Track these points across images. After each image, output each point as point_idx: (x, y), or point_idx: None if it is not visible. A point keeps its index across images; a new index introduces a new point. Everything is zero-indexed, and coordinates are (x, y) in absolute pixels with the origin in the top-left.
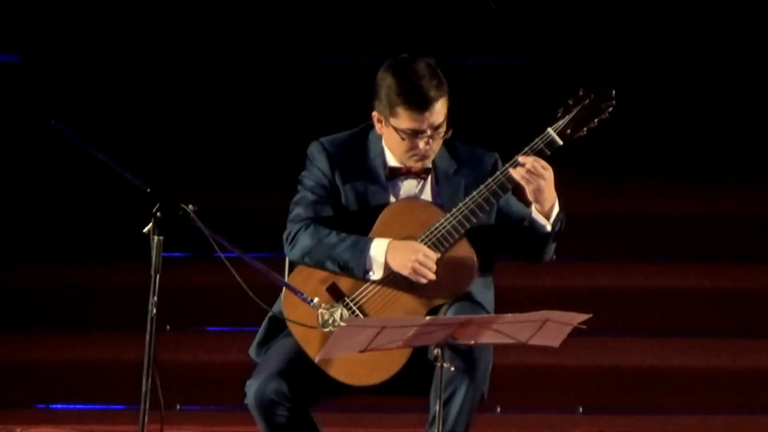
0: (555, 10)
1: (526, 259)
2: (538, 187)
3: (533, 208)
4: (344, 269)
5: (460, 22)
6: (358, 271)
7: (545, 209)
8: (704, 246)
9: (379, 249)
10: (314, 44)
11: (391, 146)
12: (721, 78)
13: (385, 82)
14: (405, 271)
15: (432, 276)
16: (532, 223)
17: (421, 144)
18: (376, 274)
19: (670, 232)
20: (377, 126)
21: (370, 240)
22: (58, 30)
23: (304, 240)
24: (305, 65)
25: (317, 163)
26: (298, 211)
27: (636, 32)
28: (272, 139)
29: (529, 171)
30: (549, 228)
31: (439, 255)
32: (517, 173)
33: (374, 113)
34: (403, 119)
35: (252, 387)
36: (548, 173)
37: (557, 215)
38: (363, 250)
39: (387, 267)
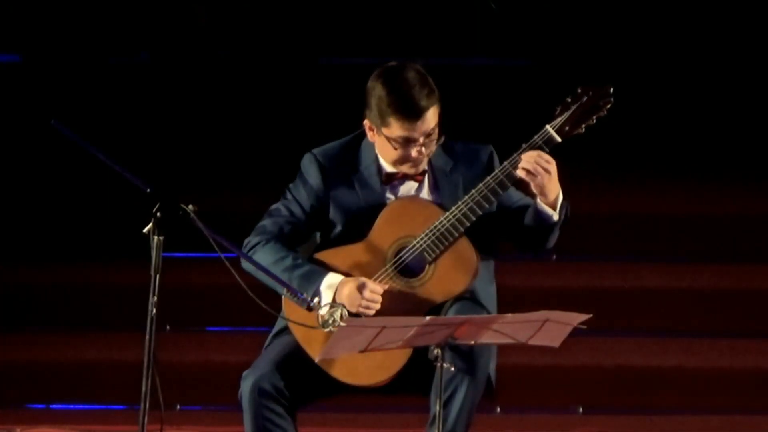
0: (555, 10)
1: (530, 248)
2: (542, 181)
3: (538, 200)
4: (292, 295)
5: (460, 22)
6: (303, 303)
7: (550, 200)
8: (704, 246)
9: (329, 285)
10: (314, 44)
11: (384, 154)
12: (721, 78)
13: (376, 92)
14: (353, 308)
15: (377, 307)
16: (539, 214)
17: (414, 152)
18: (322, 309)
19: (670, 232)
20: (369, 134)
21: (323, 274)
22: (58, 30)
23: (260, 257)
24: (305, 65)
25: (308, 177)
26: (266, 222)
27: (636, 32)
28: (272, 139)
29: (534, 166)
30: (556, 217)
31: (385, 287)
32: (520, 170)
33: (365, 122)
34: (395, 129)
35: (248, 379)
36: (552, 167)
37: (562, 204)
38: (313, 283)
39: (335, 302)
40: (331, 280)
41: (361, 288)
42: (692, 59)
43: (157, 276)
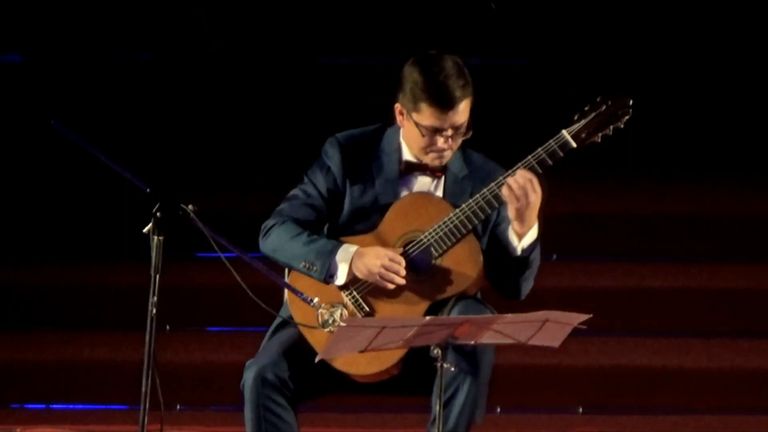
0: (554, 10)
1: (502, 292)
2: (521, 206)
3: (511, 226)
4: (309, 270)
5: (460, 22)
6: (321, 274)
7: (522, 230)
8: (704, 246)
9: (345, 254)
10: (314, 44)
11: (410, 140)
12: (721, 78)
13: (412, 76)
14: (371, 278)
15: (401, 280)
16: (506, 243)
17: (440, 141)
18: (339, 279)
19: (670, 232)
20: (398, 118)
21: (339, 244)
22: (58, 30)
23: (276, 237)
24: (305, 65)
25: (329, 161)
26: (284, 206)
27: (636, 32)
28: (271, 138)
29: (520, 187)
30: (519, 252)
31: (401, 250)
32: (505, 187)
33: (397, 105)
34: (426, 116)
35: (251, 368)
36: (536, 196)
37: (532, 243)
38: (329, 254)
39: (351, 273)
40: (348, 250)
41: (380, 257)
42: (692, 59)
43: (157, 276)
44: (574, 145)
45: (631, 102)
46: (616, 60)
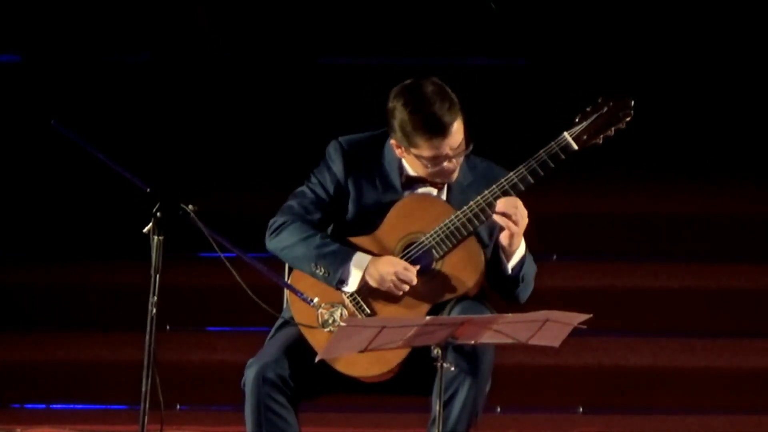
0: (554, 10)
1: (503, 297)
2: (515, 232)
3: (500, 249)
4: (321, 273)
5: (460, 22)
6: (332, 280)
7: (511, 251)
8: (704, 246)
9: (359, 263)
10: (314, 44)
11: (416, 168)
12: (722, 78)
13: (397, 114)
14: (384, 287)
15: (406, 288)
16: (499, 260)
17: (446, 164)
18: (350, 286)
19: (670, 232)
20: (397, 151)
21: (353, 251)
22: (58, 30)
23: (287, 235)
24: (305, 65)
25: (332, 164)
26: (291, 203)
27: (636, 32)
28: (271, 139)
29: (510, 217)
30: (509, 271)
31: (417, 267)
32: (498, 214)
33: (392, 141)
34: (424, 149)
35: (253, 367)
36: (525, 222)
37: (521, 259)
38: (344, 260)
39: (363, 280)
40: (361, 258)
41: (395, 265)
42: (692, 59)
43: (157, 276)
44: (576, 147)
45: (632, 103)
46: (616, 60)
